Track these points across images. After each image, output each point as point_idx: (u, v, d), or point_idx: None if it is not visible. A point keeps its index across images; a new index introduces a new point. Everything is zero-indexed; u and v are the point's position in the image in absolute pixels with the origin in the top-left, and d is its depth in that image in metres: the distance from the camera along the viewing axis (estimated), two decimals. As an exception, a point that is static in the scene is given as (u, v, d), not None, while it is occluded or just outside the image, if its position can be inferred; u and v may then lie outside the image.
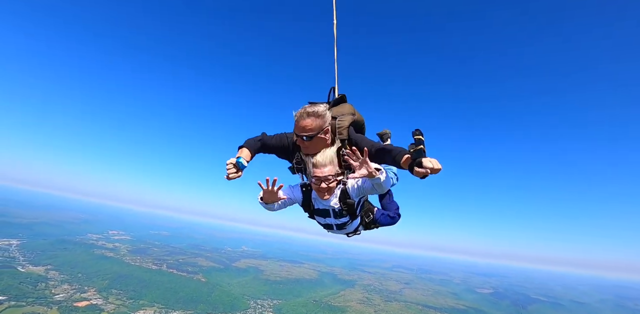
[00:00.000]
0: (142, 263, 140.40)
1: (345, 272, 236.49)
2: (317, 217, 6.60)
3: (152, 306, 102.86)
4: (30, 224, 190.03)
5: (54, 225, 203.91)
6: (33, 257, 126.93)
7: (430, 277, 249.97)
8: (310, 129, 6.14)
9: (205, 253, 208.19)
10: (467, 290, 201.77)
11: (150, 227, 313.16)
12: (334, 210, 6.30)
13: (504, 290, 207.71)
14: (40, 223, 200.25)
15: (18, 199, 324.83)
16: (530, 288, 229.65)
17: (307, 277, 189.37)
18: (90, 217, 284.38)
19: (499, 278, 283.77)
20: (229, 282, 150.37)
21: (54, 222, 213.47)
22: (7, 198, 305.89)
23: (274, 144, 6.40)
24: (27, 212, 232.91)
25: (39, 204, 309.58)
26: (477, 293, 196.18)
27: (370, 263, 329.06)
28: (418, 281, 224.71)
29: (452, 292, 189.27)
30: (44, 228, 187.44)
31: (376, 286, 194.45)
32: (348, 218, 6.42)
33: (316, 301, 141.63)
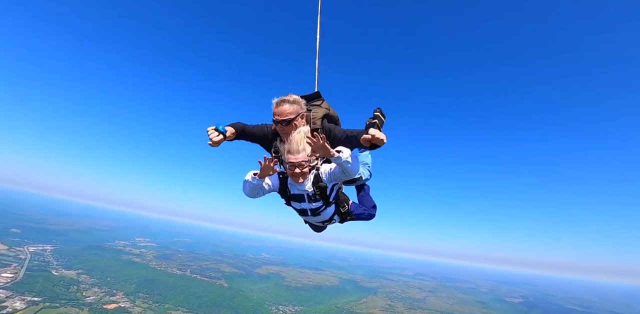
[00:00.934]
0: (167, 268, 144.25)
1: (366, 279, 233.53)
2: (293, 203, 7.19)
3: (177, 309, 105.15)
4: (63, 231, 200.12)
5: (84, 232, 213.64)
6: (66, 261, 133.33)
7: (455, 285, 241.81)
8: (288, 113, 6.99)
9: (228, 259, 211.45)
10: (495, 299, 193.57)
11: (174, 234, 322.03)
12: (307, 194, 7.06)
13: (534, 299, 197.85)
14: (73, 230, 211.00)
15: (53, 207, 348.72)
16: (563, 297, 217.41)
17: (328, 284, 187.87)
18: (118, 225, 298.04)
19: (528, 286, 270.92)
20: (251, 288, 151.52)
21: (85, 230, 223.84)
22: (44, 207, 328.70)
23: (255, 132, 7.17)
24: (61, 220, 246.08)
25: (71, 213, 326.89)
26: (506, 302, 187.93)
27: (392, 271, 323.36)
28: (442, 289, 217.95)
29: (479, 301, 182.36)
30: (75, 235, 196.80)
31: (399, 294, 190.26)
32: (321, 203, 7.11)
33: (338, 307, 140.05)
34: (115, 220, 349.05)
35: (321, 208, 7.12)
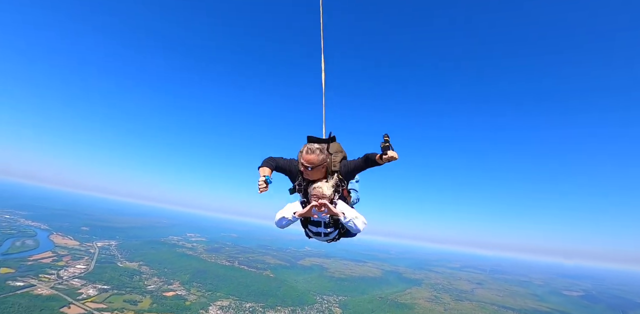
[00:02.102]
0: (217, 260, 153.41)
1: (410, 271, 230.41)
2: (310, 226, 9.19)
3: (228, 298, 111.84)
4: (125, 228, 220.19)
5: (143, 229, 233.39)
6: (128, 255, 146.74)
7: (505, 278, 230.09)
8: (313, 162, 8.34)
9: (272, 252, 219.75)
10: (551, 292, 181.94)
11: (222, 230, 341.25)
12: (324, 222, 8.88)
13: (597, 293, 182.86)
14: (133, 227, 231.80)
15: (115, 208, 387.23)
16: (631, 291, 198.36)
17: (371, 275, 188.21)
18: (171, 222, 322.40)
19: (590, 280, 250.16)
20: (295, 278, 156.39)
21: (143, 227, 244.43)
22: (107, 208, 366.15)
23: (285, 167, 8.79)
24: (123, 219, 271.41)
25: (130, 212, 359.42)
26: (564, 295, 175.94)
27: (437, 263, 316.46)
28: (491, 281, 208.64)
29: (532, 293, 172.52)
30: (135, 231, 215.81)
31: (445, 285, 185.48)
32: (333, 229, 8.99)
33: (382, 298, 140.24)
34: (169, 218, 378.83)
35: (332, 232, 9.19)
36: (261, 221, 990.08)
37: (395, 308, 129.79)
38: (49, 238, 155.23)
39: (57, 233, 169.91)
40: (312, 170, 8.36)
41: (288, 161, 8.81)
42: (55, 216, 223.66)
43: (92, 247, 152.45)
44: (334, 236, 9.44)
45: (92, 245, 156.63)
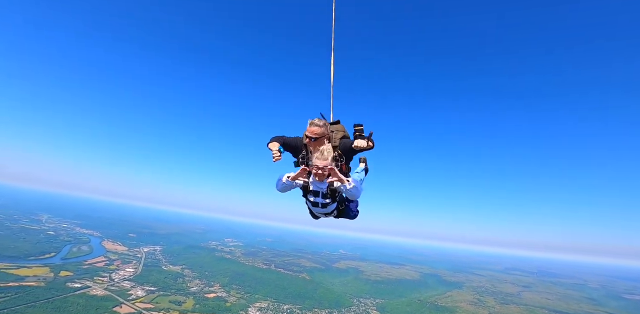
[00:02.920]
0: (254, 263, 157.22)
1: (450, 274, 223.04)
2: (309, 196, 9.60)
3: (266, 299, 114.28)
4: (167, 235, 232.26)
5: (184, 235, 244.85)
6: (171, 259, 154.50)
7: (556, 280, 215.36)
8: (317, 133, 9.24)
9: (307, 255, 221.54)
10: (609, 296, 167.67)
11: (257, 235, 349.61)
12: (322, 192, 9.36)
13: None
14: (175, 234, 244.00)
15: (158, 216, 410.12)
16: None
17: (408, 278, 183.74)
18: (209, 228, 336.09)
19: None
20: (331, 281, 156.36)
21: (184, 233, 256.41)
22: (151, 216, 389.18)
23: (291, 142, 9.70)
24: (165, 226, 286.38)
25: (172, 220, 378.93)
26: (625, 299, 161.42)
27: (479, 265, 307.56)
28: (540, 284, 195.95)
29: (587, 297, 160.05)
30: (177, 237, 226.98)
31: (488, 288, 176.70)
32: (330, 200, 9.43)
33: (421, 300, 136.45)
34: (207, 224, 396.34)
35: (329, 204, 9.52)
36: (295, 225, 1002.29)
37: (435, 311, 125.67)
38: (101, 244, 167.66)
39: (108, 240, 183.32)
40: (315, 141, 9.20)
41: (293, 137, 9.72)
42: (105, 225, 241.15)
43: (139, 252, 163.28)
44: (332, 209, 9.78)
45: (139, 250, 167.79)
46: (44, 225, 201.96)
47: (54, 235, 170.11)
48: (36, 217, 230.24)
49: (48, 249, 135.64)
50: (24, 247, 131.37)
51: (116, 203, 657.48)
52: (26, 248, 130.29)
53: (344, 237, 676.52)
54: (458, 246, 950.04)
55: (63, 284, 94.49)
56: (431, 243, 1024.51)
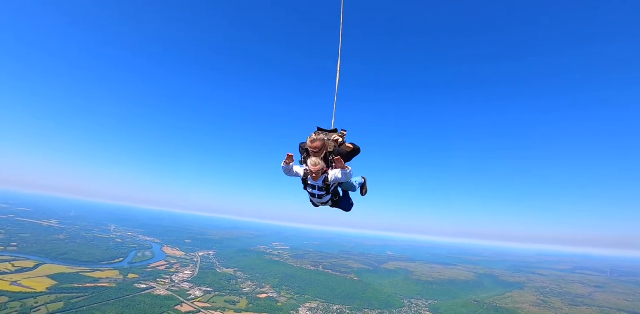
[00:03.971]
0: (302, 265, 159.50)
1: (508, 274, 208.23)
2: (307, 188, 12.15)
3: (315, 300, 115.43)
4: (220, 240, 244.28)
5: (234, 239, 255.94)
6: (224, 262, 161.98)
7: (633, 280, 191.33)
8: (317, 147, 11.79)
9: (354, 256, 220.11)
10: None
11: (304, 239, 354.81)
12: (318, 186, 11.91)
13: None
14: (226, 239, 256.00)
15: (210, 223, 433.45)
16: None
17: (462, 278, 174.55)
18: (258, 233, 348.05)
19: None
20: (380, 282, 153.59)
21: (234, 238, 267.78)
22: (204, 223, 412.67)
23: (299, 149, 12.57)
24: (217, 232, 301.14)
25: (223, 226, 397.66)
26: None
27: (541, 265, 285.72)
28: (614, 284, 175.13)
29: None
30: (228, 242, 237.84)
31: (554, 289, 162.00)
32: (324, 192, 12.02)
33: (477, 301, 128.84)
34: (256, 230, 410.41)
35: (324, 195, 12.05)
36: (340, 228, 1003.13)
37: (494, 312, 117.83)
38: (162, 250, 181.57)
39: (167, 245, 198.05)
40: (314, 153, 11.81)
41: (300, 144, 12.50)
42: (164, 232, 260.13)
43: (195, 256, 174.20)
44: (327, 199, 12.31)
45: (195, 254, 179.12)
46: (112, 234, 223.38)
47: (120, 242, 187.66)
48: (105, 227, 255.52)
49: (116, 255, 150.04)
50: (97, 253, 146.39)
51: (173, 213, 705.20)
52: (98, 254, 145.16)
53: (391, 239, 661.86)
54: (517, 246, 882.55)
55: (131, 285, 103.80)
56: (486, 242, 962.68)
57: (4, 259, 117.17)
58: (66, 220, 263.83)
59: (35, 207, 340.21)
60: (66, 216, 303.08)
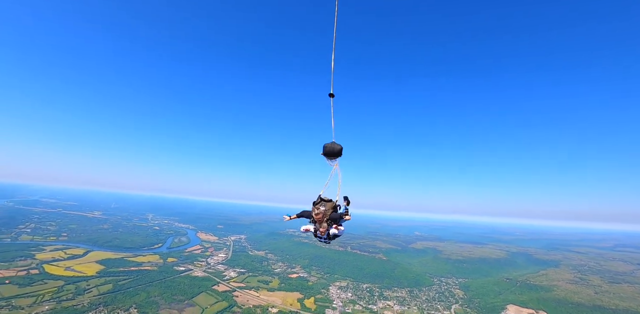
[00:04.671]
0: (330, 246, 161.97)
1: (542, 252, 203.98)
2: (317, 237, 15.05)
3: (345, 279, 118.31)
4: (250, 225, 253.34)
5: (264, 224, 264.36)
6: (256, 245, 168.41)
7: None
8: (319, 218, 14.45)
9: (382, 237, 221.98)
10: None
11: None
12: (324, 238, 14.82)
13: None
14: (256, 223, 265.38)
15: (241, 210, 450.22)
16: None
17: (493, 257, 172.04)
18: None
19: None
20: (409, 261, 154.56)
21: (264, 222, 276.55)
22: (234, 210, 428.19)
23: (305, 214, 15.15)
24: (248, 218, 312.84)
25: (252, 212, 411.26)
26: None
27: (579, 243, 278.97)
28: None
29: None
30: (258, 226, 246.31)
31: (592, 267, 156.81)
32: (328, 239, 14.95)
33: (510, 279, 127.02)
34: (281, 214, 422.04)
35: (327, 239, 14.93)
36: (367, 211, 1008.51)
37: (528, 289, 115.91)
38: (196, 235, 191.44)
39: (201, 231, 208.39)
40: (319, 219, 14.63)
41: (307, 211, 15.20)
42: (198, 219, 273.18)
43: (227, 240, 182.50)
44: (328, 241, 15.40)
45: (227, 239, 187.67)
46: (150, 222, 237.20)
47: (159, 230, 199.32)
48: (144, 216, 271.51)
49: (156, 241, 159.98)
50: (138, 240, 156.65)
51: (204, 201, 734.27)
52: (140, 241, 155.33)
53: (419, 219, 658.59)
54: (553, 224, 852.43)
55: (171, 268, 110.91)
56: (519, 221, 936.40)
57: (58, 248, 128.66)
58: (108, 211, 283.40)
59: (80, 201, 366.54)
60: (108, 207, 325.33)
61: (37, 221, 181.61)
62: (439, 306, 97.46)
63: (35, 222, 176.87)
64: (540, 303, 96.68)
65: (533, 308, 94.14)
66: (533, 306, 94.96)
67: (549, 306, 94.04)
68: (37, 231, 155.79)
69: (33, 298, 74.86)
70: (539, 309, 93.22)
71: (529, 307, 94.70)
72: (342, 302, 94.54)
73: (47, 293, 78.20)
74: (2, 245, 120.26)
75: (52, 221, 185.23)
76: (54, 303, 73.23)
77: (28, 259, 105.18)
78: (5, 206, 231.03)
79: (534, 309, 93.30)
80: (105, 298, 78.50)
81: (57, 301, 74.09)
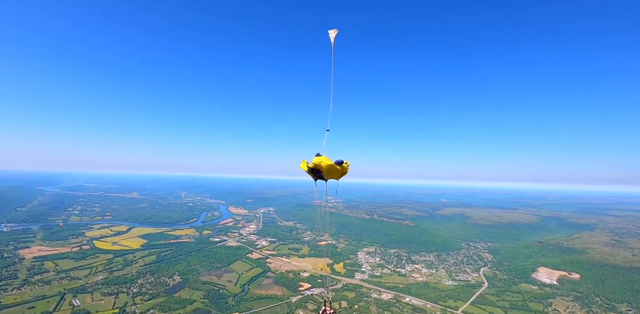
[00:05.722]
0: (356, 215, 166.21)
1: (576, 216, 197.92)
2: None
3: (372, 245, 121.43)
4: (277, 198, 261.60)
5: (291, 196, 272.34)
6: (284, 216, 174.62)
7: None
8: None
9: (408, 204, 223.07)
10: None
11: (356, 191, 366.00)
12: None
13: None
14: (283, 196, 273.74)
15: (267, 184, 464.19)
16: None
17: (524, 221, 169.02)
18: (312, 189, 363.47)
19: None
20: (436, 227, 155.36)
21: (291, 195, 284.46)
22: (262, 184, 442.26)
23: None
24: (274, 191, 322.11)
25: (278, 186, 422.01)
26: None
27: (615, 207, 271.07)
28: None
29: None
30: (286, 199, 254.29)
31: (630, 229, 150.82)
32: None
33: (541, 243, 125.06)
34: (310, 186, 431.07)
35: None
36: (392, 180, 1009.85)
37: (560, 252, 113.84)
38: (228, 209, 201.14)
39: (232, 206, 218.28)
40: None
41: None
42: (227, 194, 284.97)
43: (257, 213, 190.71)
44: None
45: (257, 211, 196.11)
46: (184, 199, 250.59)
47: (192, 206, 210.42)
48: (177, 195, 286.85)
49: (191, 216, 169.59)
50: (175, 216, 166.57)
51: (232, 178, 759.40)
52: (176, 216, 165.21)
53: (445, 187, 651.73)
54: (587, 188, 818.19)
55: (207, 239, 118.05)
56: (550, 186, 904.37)
57: (104, 226, 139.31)
58: (145, 192, 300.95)
59: (118, 184, 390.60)
60: (144, 188, 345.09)
61: (83, 203, 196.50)
62: (467, 269, 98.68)
63: (82, 204, 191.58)
64: (573, 265, 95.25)
65: (565, 270, 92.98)
66: (566, 269, 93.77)
67: (582, 268, 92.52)
68: (84, 212, 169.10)
69: (88, 269, 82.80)
70: (571, 271, 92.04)
71: (561, 269, 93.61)
72: (370, 266, 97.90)
73: (99, 265, 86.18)
74: (55, 226, 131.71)
75: (96, 203, 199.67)
76: (106, 273, 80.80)
77: (79, 237, 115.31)
78: (54, 192, 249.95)
79: (567, 271, 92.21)
80: (150, 268, 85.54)
81: (109, 272, 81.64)
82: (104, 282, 74.48)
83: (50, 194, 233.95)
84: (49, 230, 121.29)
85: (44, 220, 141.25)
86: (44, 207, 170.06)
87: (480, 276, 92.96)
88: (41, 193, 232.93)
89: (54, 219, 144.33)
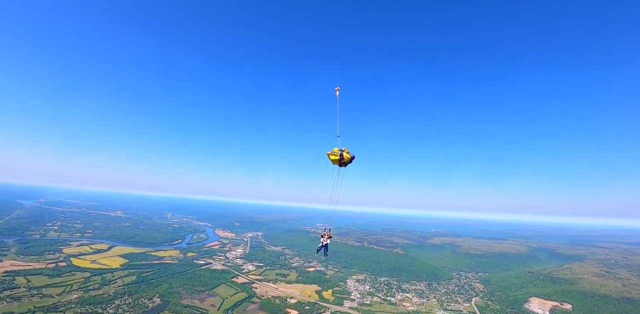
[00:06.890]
0: (347, 241, 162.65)
1: (566, 247, 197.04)
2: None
3: (362, 273, 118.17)
4: (267, 222, 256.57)
5: (281, 222, 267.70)
6: (272, 241, 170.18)
7: None
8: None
9: (398, 233, 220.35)
10: None
11: (347, 219, 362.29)
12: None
13: None
14: (273, 221, 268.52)
15: (257, 209, 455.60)
16: None
17: (513, 251, 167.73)
18: (303, 216, 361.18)
19: None
20: (427, 256, 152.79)
21: (281, 220, 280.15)
22: (251, 209, 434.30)
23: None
24: (264, 216, 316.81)
25: (268, 211, 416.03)
26: None
27: (604, 239, 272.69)
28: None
29: None
30: (275, 224, 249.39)
31: (620, 261, 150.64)
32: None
33: (532, 273, 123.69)
34: (300, 213, 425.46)
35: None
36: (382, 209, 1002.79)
37: (551, 282, 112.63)
38: (214, 232, 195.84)
39: (219, 228, 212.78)
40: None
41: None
42: (215, 217, 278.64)
43: (245, 237, 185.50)
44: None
45: (245, 235, 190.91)
46: (170, 220, 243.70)
47: (178, 227, 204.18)
48: (163, 215, 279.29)
49: (176, 237, 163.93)
50: (159, 236, 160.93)
51: (221, 201, 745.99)
52: (160, 237, 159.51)
53: (436, 217, 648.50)
54: (576, 221, 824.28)
55: (191, 262, 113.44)
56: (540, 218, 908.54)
57: (83, 243, 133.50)
58: (129, 211, 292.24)
59: (102, 201, 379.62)
60: (129, 207, 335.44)
61: (63, 219, 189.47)
62: (459, 299, 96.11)
63: (62, 220, 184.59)
64: (564, 296, 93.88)
65: (557, 300, 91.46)
66: (557, 299, 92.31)
67: (574, 299, 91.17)
68: (63, 228, 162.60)
69: (62, 287, 78.29)
70: (563, 301, 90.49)
71: (553, 299, 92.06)
72: (360, 294, 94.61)
73: (75, 283, 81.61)
74: (32, 240, 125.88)
75: (77, 220, 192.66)
76: (81, 292, 76.35)
77: (56, 253, 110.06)
78: (34, 206, 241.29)
79: (559, 301, 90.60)
80: (129, 288, 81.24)
81: (85, 291, 77.19)
82: (78, 301, 70.21)
83: (30, 208, 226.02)
84: (24, 244, 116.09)
85: (20, 234, 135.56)
86: (21, 220, 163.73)
87: (472, 306, 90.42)
88: (20, 206, 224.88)
89: (30, 234, 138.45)
